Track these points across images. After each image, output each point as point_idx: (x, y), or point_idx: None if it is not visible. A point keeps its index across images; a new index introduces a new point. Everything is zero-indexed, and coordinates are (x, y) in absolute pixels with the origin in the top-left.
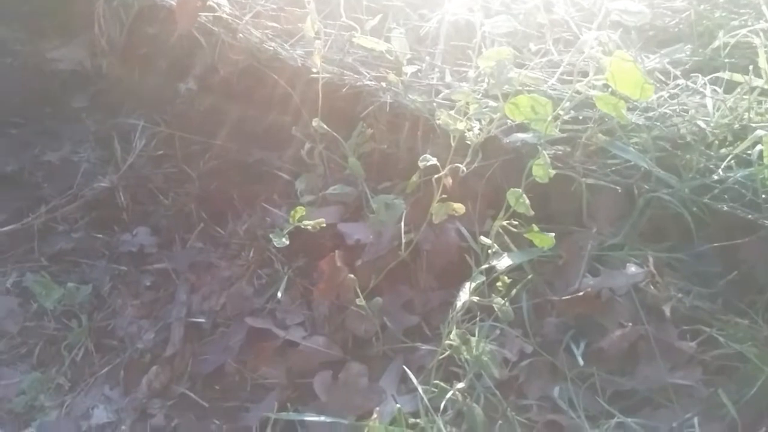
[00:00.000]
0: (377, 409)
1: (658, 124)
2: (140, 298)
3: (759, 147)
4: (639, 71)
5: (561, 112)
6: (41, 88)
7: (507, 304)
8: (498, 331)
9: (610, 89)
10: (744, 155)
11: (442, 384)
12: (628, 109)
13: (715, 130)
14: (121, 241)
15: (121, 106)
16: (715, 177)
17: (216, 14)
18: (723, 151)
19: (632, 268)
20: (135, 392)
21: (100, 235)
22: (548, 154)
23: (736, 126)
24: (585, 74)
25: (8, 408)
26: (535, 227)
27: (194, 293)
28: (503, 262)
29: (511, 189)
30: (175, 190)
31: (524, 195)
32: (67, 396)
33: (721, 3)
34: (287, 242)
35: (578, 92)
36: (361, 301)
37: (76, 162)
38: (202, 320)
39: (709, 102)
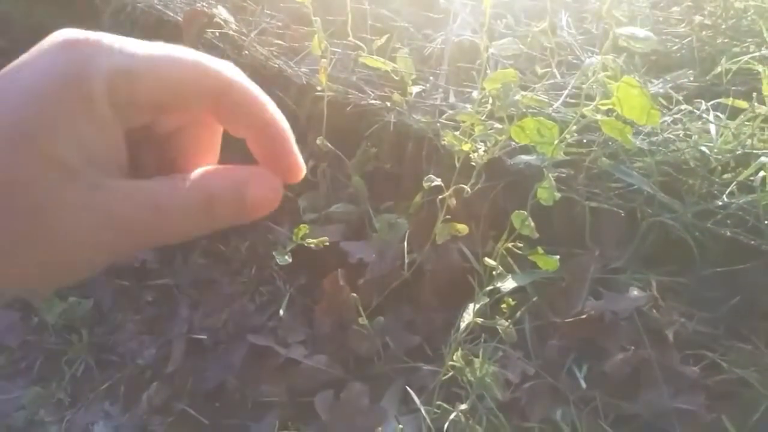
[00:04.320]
0: (379, 429)
1: (662, 149)
2: (141, 314)
3: (762, 173)
4: (646, 97)
5: (567, 136)
6: None
7: (511, 325)
8: (500, 353)
9: (615, 114)
10: (747, 181)
11: (444, 405)
12: (633, 134)
13: (718, 156)
14: None
15: None
16: (719, 203)
17: (222, 31)
18: (726, 176)
19: (635, 292)
20: (135, 408)
21: None
22: (552, 177)
23: (739, 152)
24: (590, 97)
25: (8, 423)
26: (540, 249)
27: (196, 310)
28: (508, 284)
29: (516, 211)
30: None
31: (529, 217)
32: (68, 411)
33: (724, 30)
34: (290, 260)
35: (584, 116)
36: (363, 320)
37: None
38: (204, 337)
39: (712, 128)
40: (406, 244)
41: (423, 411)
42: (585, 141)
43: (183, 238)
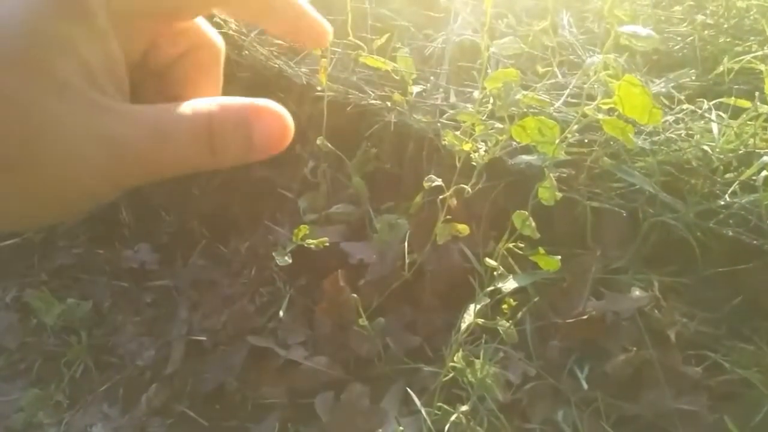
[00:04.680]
0: (379, 430)
1: (664, 148)
2: (141, 315)
3: (764, 173)
4: (648, 96)
5: (568, 135)
6: None
7: (512, 326)
8: (501, 354)
9: (617, 113)
10: (749, 181)
11: (445, 406)
12: (634, 134)
13: (720, 156)
14: (123, 257)
15: None
16: (721, 202)
17: (222, 31)
18: (728, 176)
19: (637, 292)
20: (134, 410)
21: (101, 251)
22: (553, 177)
23: (742, 151)
24: (591, 97)
25: (6, 425)
26: (542, 250)
27: (195, 311)
28: (509, 284)
29: (517, 211)
30: (178, 207)
31: (530, 217)
32: (66, 413)
33: (726, 29)
34: (290, 261)
35: (585, 115)
36: (363, 321)
37: None
38: (203, 338)
39: (714, 127)
40: (406, 244)
41: (424, 412)
42: (586, 141)
43: (184, 170)
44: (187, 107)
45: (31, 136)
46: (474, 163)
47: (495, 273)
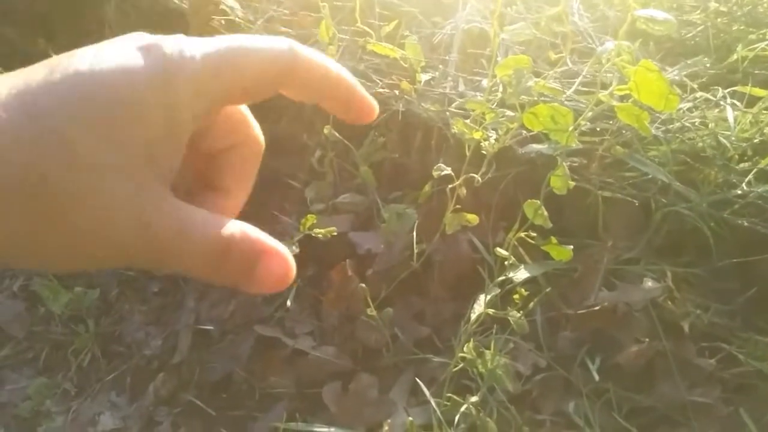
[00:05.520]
0: (388, 421)
1: (678, 136)
2: (148, 304)
3: None
4: (664, 81)
5: (582, 123)
6: None
7: (522, 317)
8: (511, 345)
9: (631, 99)
10: (765, 170)
11: (455, 397)
12: (648, 122)
13: (735, 144)
14: None
15: None
16: (736, 192)
17: (228, 18)
18: (743, 165)
19: (649, 283)
20: (142, 399)
21: None
22: (566, 166)
23: (757, 140)
24: (604, 85)
25: (14, 413)
26: (554, 239)
27: (202, 300)
28: (520, 275)
29: (529, 200)
30: None
31: (542, 207)
32: (74, 402)
33: (739, 16)
34: (297, 250)
35: (600, 102)
36: (371, 311)
37: None
38: (211, 328)
39: (729, 115)
40: (415, 234)
41: (433, 403)
42: (598, 129)
43: (178, 270)
44: (216, 223)
45: (68, 210)
46: (484, 152)
47: (506, 263)
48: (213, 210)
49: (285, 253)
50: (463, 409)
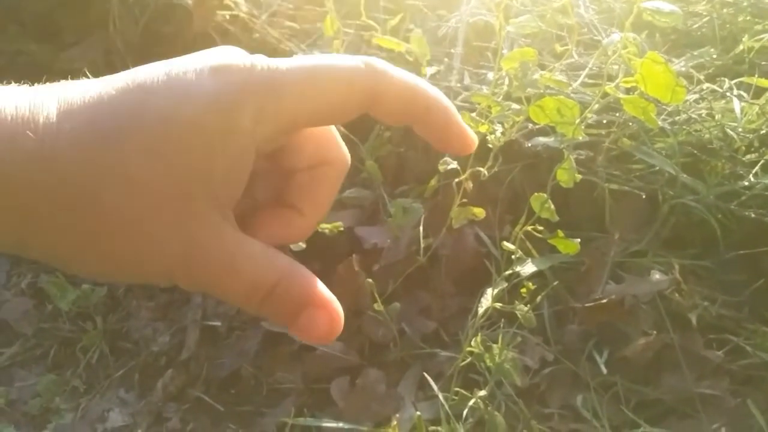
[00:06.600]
0: (396, 415)
1: (685, 128)
2: (155, 300)
3: None
4: (671, 73)
5: (588, 115)
6: None
7: (530, 311)
8: (519, 339)
9: (638, 91)
10: None
11: (462, 391)
12: (655, 113)
13: (742, 135)
14: None
15: None
16: (743, 183)
17: (233, 13)
18: (750, 156)
19: (656, 276)
20: (150, 395)
21: None
22: (572, 159)
23: (764, 131)
24: (610, 77)
25: (24, 410)
26: (561, 233)
27: (209, 296)
28: (527, 268)
29: (536, 194)
30: None
31: (549, 200)
32: (83, 399)
33: (745, 7)
34: (303, 246)
35: (606, 94)
36: (378, 306)
37: None
38: (218, 324)
39: (736, 107)
40: (421, 228)
41: (441, 397)
42: (604, 122)
43: (219, 297)
44: (265, 263)
45: (122, 229)
46: (490, 146)
47: (513, 257)
48: (284, 228)
49: (334, 306)
50: (471, 403)
